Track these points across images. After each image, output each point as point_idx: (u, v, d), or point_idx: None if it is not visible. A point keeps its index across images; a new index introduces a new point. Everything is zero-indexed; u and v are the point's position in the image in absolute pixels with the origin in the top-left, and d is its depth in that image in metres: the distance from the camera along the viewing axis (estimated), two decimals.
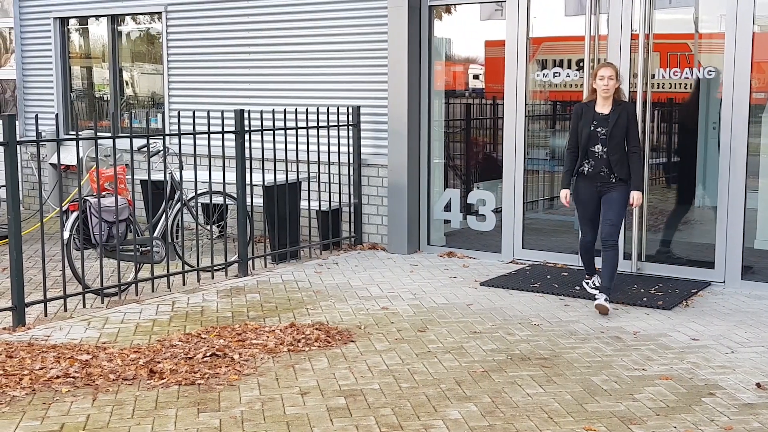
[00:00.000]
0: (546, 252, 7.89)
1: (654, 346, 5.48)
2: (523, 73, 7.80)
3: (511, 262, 7.96)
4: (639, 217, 7.32)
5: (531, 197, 8.20)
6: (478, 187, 8.58)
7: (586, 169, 6.33)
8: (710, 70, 7.14)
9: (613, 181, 6.29)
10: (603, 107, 6.29)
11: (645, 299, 6.53)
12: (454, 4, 8.31)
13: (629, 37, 7.23)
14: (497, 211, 8.20)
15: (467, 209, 8.48)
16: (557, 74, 7.84)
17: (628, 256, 7.38)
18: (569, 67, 7.82)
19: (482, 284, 7.12)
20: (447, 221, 8.61)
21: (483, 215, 8.35)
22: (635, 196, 6.29)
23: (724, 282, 7.04)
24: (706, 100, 7.33)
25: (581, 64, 7.54)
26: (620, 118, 6.24)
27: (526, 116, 7.88)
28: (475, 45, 8.66)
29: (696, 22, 7.40)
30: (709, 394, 4.65)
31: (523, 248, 7.99)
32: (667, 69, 7.28)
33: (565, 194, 6.44)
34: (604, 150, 6.25)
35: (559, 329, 5.84)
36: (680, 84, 7.36)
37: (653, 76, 7.28)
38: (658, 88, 7.36)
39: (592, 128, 6.27)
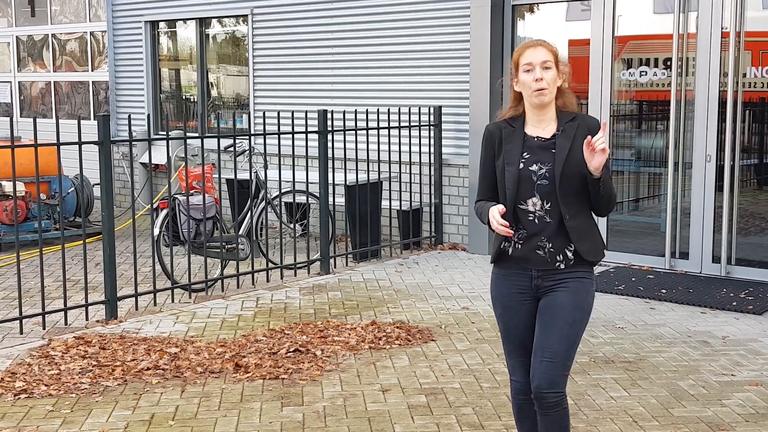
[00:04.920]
0: (631, 254, 7.73)
1: (743, 351, 5.33)
2: (608, 73, 7.67)
3: None
4: (729, 219, 7.11)
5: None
6: None
7: (513, 244, 3.28)
8: None
9: (563, 267, 3.24)
10: (539, 125, 3.32)
11: (734, 303, 6.36)
12: (538, 3, 8.24)
13: (719, 35, 7.04)
14: None
15: None
16: (644, 73, 7.69)
17: (717, 260, 7.19)
18: (656, 66, 7.66)
19: None
20: None
21: None
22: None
23: None
24: None
25: (668, 63, 7.39)
26: (576, 144, 3.23)
27: (611, 116, 7.75)
28: (558, 44, 8.53)
29: None
30: None
31: (606, 250, 7.84)
32: (759, 68, 7.06)
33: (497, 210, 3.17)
34: (548, 206, 3.22)
35: (644, 332, 5.74)
36: None
37: (744, 75, 7.07)
38: (750, 87, 7.14)
39: (522, 166, 3.24)
